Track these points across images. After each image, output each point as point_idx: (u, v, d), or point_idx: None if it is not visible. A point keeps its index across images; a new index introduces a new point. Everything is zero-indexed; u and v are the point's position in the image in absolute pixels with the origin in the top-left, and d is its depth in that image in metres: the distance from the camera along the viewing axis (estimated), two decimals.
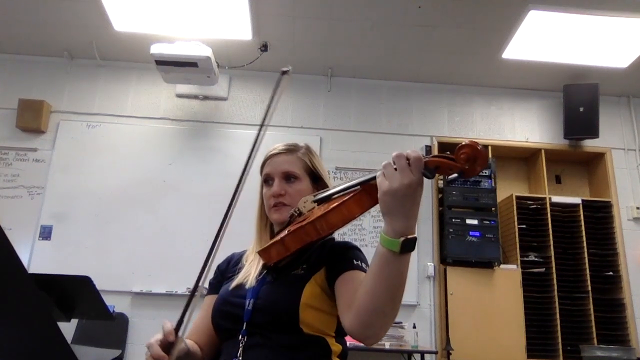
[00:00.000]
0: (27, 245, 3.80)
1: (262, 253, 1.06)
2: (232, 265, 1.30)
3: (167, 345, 0.96)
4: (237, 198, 1.06)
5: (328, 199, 1.06)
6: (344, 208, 0.95)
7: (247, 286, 1.13)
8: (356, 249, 1.18)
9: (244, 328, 1.07)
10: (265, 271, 1.16)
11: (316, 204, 1.09)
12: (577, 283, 3.93)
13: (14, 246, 0.57)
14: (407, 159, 0.84)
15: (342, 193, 1.02)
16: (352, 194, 0.96)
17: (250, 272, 1.17)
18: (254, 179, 1.31)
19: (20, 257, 0.58)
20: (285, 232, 1.03)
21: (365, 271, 1.06)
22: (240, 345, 1.06)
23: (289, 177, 1.23)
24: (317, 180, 1.26)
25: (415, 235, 0.87)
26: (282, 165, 1.24)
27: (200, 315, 1.22)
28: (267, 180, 1.25)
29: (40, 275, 1.98)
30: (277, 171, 1.23)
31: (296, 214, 1.12)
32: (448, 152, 0.86)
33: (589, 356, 3.56)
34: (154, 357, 0.95)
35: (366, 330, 0.94)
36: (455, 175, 0.84)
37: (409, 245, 0.86)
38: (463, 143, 0.83)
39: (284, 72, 1.06)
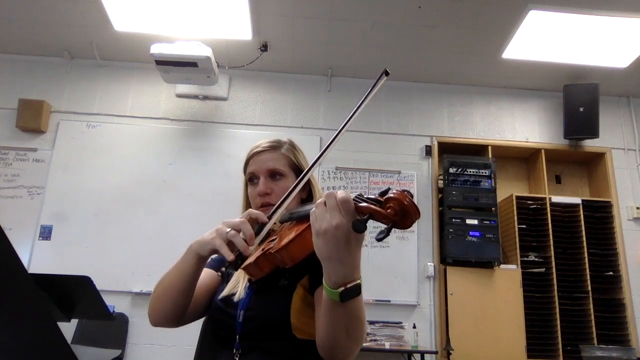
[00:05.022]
0: (27, 245, 3.80)
1: (244, 270, 1.05)
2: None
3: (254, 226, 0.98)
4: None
5: (293, 219, 1.03)
6: (303, 239, 0.92)
7: (237, 297, 1.12)
8: None
9: (237, 341, 1.06)
10: (252, 282, 1.14)
11: (283, 223, 1.06)
12: (577, 283, 3.93)
13: (14, 246, 0.57)
14: (337, 198, 0.79)
15: (302, 218, 0.98)
16: (308, 225, 0.91)
17: (239, 282, 1.16)
18: (241, 177, 1.28)
19: (20, 257, 0.58)
20: (260, 251, 1.01)
21: None
22: (236, 357, 1.05)
23: (274, 175, 1.20)
24: None
25: (358, 281, 0.82)
26: (266, 162, 1.20)
27: (201, 281, 1.18)
28: (252, 179, 1.22)
29: (40, 275, 1.98)
30: (262, 169, 1.20)
31: (271, 230, 1.10)
32: (378, 196, 0.80)
33: (589, 356, 3.56)
34: (247, 235, 0.95)
35: (330, 359, 0.95)
36: (385, 229, 0.76)
37: (349, 294, 0.81)
38: (390, 195, 0.77)
39: (387, 73, 1.02)
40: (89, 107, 4.24)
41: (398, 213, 0.76)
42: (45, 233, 3.85)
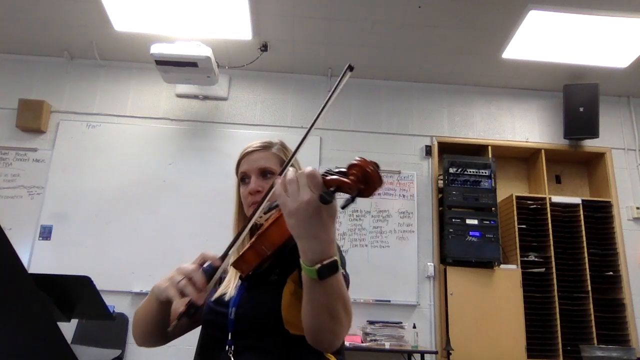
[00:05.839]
0: (27, 245, 3.80)
1: (234, 266, 1.06)
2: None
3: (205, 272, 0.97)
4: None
5: (274, 208, 1.04)
6: (280, 224, 0.93)
7: (228, 296, 1.13)
8: None
9: (230, 338, 1.07)
10: (242, 279, 1.15)
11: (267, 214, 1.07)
12: (577, 283, 3.93)
13: (14, 246, 0.57)
14: (305, 175, 0.80)
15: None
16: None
17: (230, 282, 1.17)
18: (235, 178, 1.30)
19: (20, 257, 0.58)
20: (248, 245, 1.02)
21: None
22: (230, 354, 1.06)
23: (265, 174, 1.21)
24: None
25: (334, 257, 0.82)
26: (257, 162, 1.22)
27: None
28: (243, 178, 1.24)
29: (40, 275, 1.98)
30: (253, 168, 1.22)
31: (259, 224, 1.11)
32: (341, 168, 0.80)
33: (589, 356, 3.56)
34: (197, 284, 0.94)
35: (318, 344, 0.93)
36: (351, 197, 0.76)
37: (326, 271, 0.81)
38: (353, 162, 0.77)
39: (351, 68, 1.02)
40: (89, 107, 4.24)
41: (361, 180, 0.76)
42: (45, 233, 3.85)
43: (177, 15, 3.56)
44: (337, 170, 0.81)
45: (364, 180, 0.76)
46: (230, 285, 1.16)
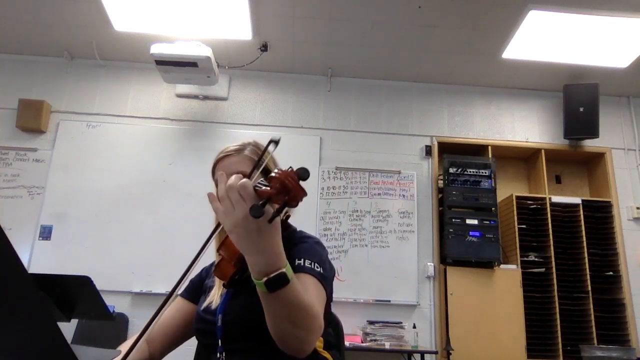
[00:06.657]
0: (27, 245, 3.80)
1: (215, 274, 1.09)
2: (209, 277, 1.32)
3: None
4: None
5: None
6: None
7: (214, 304, 1.16)
8: (301, 242, 1.14)
9: (220, 344, 1.10)
10: (226, 286, 1.16)
11: None
12: (577, 283, 3.93)
13: (14, 246, 0.57)
14: (237, 189, 0.79)
15: None
16: None
17: (216, 291, 1.20)
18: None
19: (20, 257, 0.58)
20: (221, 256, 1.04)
21: (306, 271, 1.03)
22: None
23: None
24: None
25: (281, 270, 0.81)
26: (230, 166, 1.22)
27: (166, 314, 1.20)
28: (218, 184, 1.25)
29: (40, 275, 1.98)
30: (226, 173, 1.23)
31: None
32: (263, 180, 0.80)
33: (589, 356, 3.56)
34: None
35: (286, 350, 0.91)
36: (276, 210, 0.76)
37: (275, 283, 0.80)
38: (272, 174, 0.77)
39: (275, 143, 1.01)
40: (89, 107, 4.24)
41: (281, 191, 0.75)
42: (45, 233, 3.85)
43: (177, 15, 3.56)
44: (264, 183, 0.80)
45: (284, 191, 0.75)
46: (216, 294, 1.19)
